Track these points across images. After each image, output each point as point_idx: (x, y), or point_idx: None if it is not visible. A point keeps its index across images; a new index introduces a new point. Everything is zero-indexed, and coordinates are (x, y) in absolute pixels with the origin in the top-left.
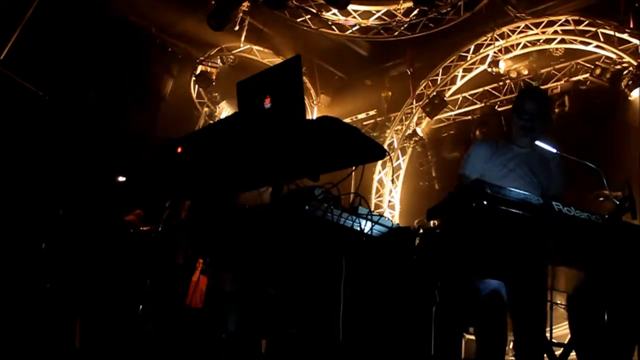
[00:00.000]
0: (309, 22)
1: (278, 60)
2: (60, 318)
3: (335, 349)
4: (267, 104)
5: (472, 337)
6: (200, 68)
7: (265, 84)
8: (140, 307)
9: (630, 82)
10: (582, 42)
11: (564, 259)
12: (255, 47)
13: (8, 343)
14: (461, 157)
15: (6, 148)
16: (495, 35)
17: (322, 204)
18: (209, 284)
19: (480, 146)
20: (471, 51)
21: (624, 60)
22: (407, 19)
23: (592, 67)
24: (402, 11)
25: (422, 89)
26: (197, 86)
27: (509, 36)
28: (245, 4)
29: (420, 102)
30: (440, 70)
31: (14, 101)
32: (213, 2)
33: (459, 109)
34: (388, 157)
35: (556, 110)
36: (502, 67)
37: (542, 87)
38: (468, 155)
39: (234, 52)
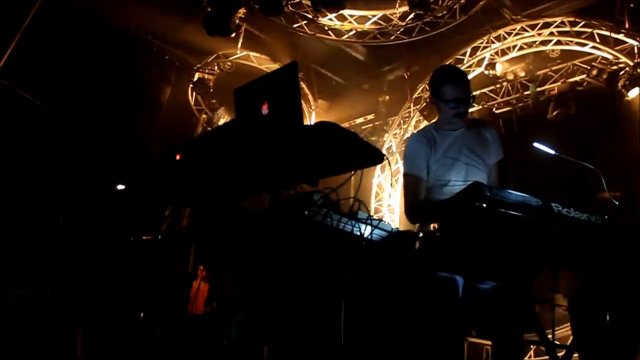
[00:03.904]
0: (305, 27)
1: (275, 66)
2: (62, 326)
3: (337, 353)
4: (265, 110)
5: (475, 340)
6: (197, 75)
7: (262, 90)
8: (142, 314)
9: (627, 83)
10: (578, 44)
11: (565, 261)
12: (252, 54)
13: (10, 352)
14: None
15: (6, 157)
16: (491, 37)
17: (321, 209)
18: (210, 291)
19: (416, 142)
20: (467, 54)
21: (620, 60)
22: (403, 23)
23: (589, 68)
24: (398, 15)
25: (419, 93)
26: (194, 93)
27: (505, 38)
28: (242, 10)
29: (418, 106)
30: None
31: (13, 111)
32: (209, 9)
33: None
34: (387, 161)
35: (558, 112)
36: (499, 69)
37: (539, 88)
38: (408, 154)
39: (230, 58)
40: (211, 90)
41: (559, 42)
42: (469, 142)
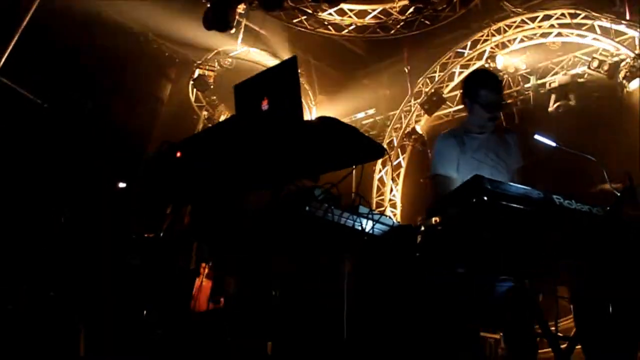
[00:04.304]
0: (305, 22)
1: (275, 61)
2: (65, 325)
3: (340, 348)
4: (265, 105)
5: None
6: (198, 72)
7: (262, 86)
8: (145, 312)
9: (628, 74)
10: (578, 35)
11: (567, 252)
12: (252, 50)
13: (13, 351)
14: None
15: (7, 156)
16: (491, 30)
17: (322, 204)
18: (213, 287)
19: (446, 142)
20: (468, 47)
21: (621, 52)
22: (403, 17)
23: (590, 59)
24: (398, 9)
25: (420, 87)
26: (195, 90)
27: (505, 31)
28: (242, 6)
29: (419, 100)
30: (438, 67)
31: (13, 109)
32: (208, 5)
33: (457, 105)
34: (388, 155)
35: (559, 104)
36: (500, 62)
37: (540, 81)
38: (437, 154)
39: (231, 55)
40: (211, 86)
41: (559, 34)
42: (495, 146)
